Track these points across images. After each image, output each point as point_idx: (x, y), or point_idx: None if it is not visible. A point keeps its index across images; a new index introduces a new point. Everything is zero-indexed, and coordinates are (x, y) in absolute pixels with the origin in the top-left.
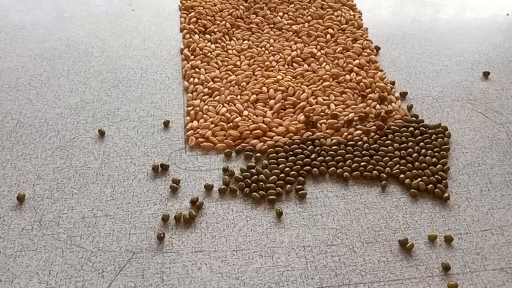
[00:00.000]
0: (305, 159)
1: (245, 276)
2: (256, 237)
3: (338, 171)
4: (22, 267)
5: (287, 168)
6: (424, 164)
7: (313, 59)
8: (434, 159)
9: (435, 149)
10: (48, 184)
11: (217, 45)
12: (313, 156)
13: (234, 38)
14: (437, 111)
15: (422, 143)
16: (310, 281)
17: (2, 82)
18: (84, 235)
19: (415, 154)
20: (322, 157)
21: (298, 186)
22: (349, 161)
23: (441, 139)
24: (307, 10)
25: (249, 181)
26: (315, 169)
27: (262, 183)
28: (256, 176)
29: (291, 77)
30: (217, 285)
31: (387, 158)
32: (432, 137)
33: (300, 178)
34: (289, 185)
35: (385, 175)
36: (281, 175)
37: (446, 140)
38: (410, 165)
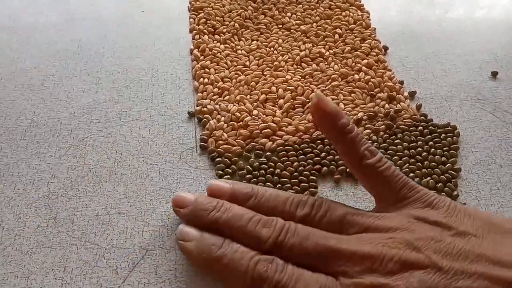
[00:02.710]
0: (315, 158)
1: None
2: None
3: (348, 169)
4: (37, 263)
5: (300, 168)
6: (433, 163)
7: (322, 59)
8: (443, 158)
9: (444, 148)
10: (62, 183)
11: (226, 45)
12: (322, 155)
13: (243, 39)
14: (446, 110)
15: (431, 142)
16: None
17: (15, 82)
18: (98, 232)
19: (424, 153)
20: (331, 156)
21: (311, 189)
22: None
23: (450, 139)
24: (315, 10)
25: (263, 172)
26: (325, 167)
27: (276, 177)
28: (271, 169)
29: (300, 77)
30: None
31: (396, 157)
32: (441, 136)
33: (312, 177)
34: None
35: None
36: (294, 174)
37: (455, 140)
38: (419, 164)
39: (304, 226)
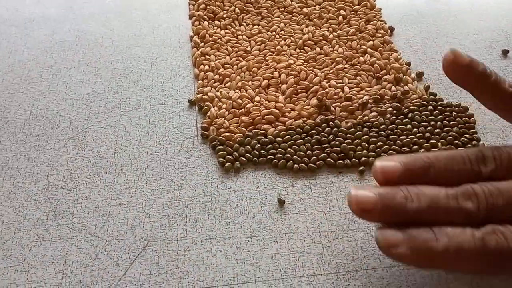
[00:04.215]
0: (324, 145)
1: (261, 262)
2: (271, 223)
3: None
4: (38, 257)
5: (307, 152)
6: (449, 140)
7: (325, 42)
8: (462, 138)
9: (460, 126)
10: (62, 175)
11: (227, 31)
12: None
13: (244, 24)
14: (455, 91)
15: (445, 121)
16: (327, 266)
17: (14, 75)
18: (99, 224)
19: (437, 130)
20: (341, 138)
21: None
22: (365, 143)
23: (466, 118)
24: None
25: (264, 152)
26: (333, 154)
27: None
28: (274, 150)
29: (303, 61)
30: (232, 271)
31: (403, 136)
32: (453, 115)
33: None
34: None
35: None
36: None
37: (472, 120)
38: (433, 142)
39: (499, 182)
